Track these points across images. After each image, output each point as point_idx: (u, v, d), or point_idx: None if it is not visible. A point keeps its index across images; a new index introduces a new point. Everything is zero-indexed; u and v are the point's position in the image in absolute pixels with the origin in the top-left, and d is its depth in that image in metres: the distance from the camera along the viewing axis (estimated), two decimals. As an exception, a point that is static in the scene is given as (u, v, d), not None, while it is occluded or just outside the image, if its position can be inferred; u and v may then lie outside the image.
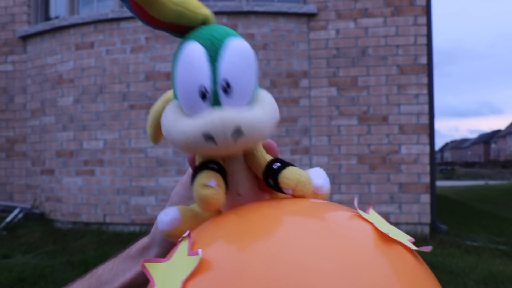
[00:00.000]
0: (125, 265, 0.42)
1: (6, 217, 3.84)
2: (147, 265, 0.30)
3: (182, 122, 0.32)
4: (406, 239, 0.30)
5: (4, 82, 4.22)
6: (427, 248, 0.31)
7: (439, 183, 9.35)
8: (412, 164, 3.53)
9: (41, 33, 4.06)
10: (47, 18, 4.31)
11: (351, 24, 3.62)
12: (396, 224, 3.47)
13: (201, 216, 0.36)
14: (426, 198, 3.50)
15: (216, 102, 0.31)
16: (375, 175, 3.55)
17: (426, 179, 3.52)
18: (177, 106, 0.33)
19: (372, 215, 0.31)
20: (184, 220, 0.35)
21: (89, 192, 3.78)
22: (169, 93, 0.40)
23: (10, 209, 3.98)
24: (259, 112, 0.32)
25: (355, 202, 0.33)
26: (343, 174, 3.55)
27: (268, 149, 0.37)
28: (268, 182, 0.35)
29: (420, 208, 3.50)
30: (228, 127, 0.30)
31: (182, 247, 0.29)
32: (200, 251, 0.27)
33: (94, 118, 3.79)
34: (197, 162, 0.36)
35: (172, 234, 0.35)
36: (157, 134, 0.41)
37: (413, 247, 0.30)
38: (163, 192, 3.65)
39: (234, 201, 0.36)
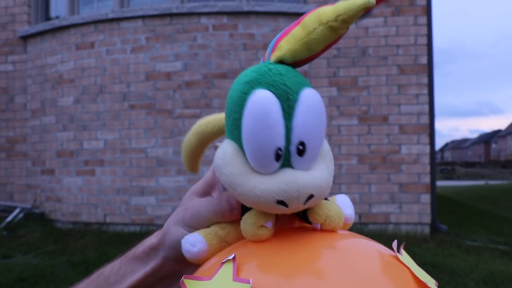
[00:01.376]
0: (133, 266, 0.41)
1: (6, 217, 3.84)
2: (186, 281, 0.30)
3: (252, 181, 0.30)
4: (433, 284, 0.31)
5: (5, 82, 4.22)
6: None
7: (439, 183, 9.34)
8: (413, 164, 3.53)
9: (41, 33, 4.06)
10: (47, 18, 4.31)
11: (351, 24, 3.61)
12: (397, 224, 3.47)
13: (226, 240, 0.36)
14: (426, 198, 3.50)
15: (286, 161, 0.31)
16: (376, 175, 3.55)
17: (427, 179, 3.52)
18: (239, 155, 0.31)
19: (405, 257, 0.31)
20: (211, 249, 0.36)
21: (90, 192, 3.78)
22: (200, 125, 0.38)
23: (10, 209, 3.98)
24: (326, 173, 0.32)
25: (394, 245, 0.32)
26: (343, 174, 3.55)
27: None
28: (298, 213, 0.35)
29: (421, 208, 3.50)
30: (303, 196, 0.30)
31: (226, 270, 0.29)
32: (251, 280, 0.27)
33: (94, 118, 3.79)
34: None
35: (198, 261, 0.35)
36: (193, 165, 0.40)
37: None
38: (163, 192, 3.65)
39: None
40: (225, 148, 0.32)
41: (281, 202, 0.30)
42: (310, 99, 0.30)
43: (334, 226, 0.33)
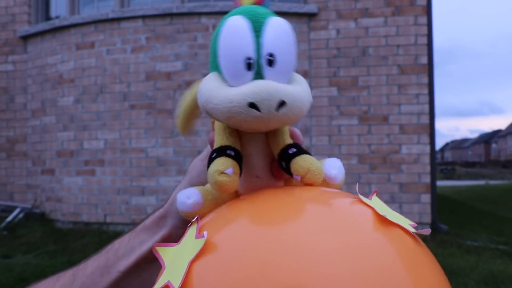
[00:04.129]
0: (142, 237, 0.42)
1: (6, 217, 3.84)
2: (159, 249, 0.31)
3: (227, 91, 0.32)
4: (406, 223, 0.31)
5: (5, 82, 4.22)
6: (426, 231, 0.32)
7: (440, 183, 9.34)
8: (413, 164, 3.53)
9: (41, 33, 4.06)
10: (47, 18, 4.31)
11: (352, 24, 3.62)
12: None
13: (220, 199, 0.37)
14: (426, 198, 3.50)
15: (259, 74, 0.32)
16: (376, 175, 3.55)
17: (427, 179, 3.52)
18: (218, 77, 0.34)
19: (374, 201, 0.32)
20: (205, 203, 0.37)
21: (90, 192, 3.78)
22: (196, 87, 0.41)
23: (10, 209, 3.98)
24: (300, 88, 0.34)
25: (357, 188, 0.35)
26: (343, 174, 3.55)
27: (292, 136, 0.38)
28: (281, 164, 0.36)
29: (421, 208, 3.50)
30: (274, 98, 0.31)
31: (191, 232, 0.30)
32: (205, 233, 0.28)
33: (95, 118, 3.79)
34: (216, 145, 0.36)
35: (191, 216, 0.36)
36: (185, 125, 0.42)
37: (412, 230, 0.31)
38: (163, 192, 3.65)
39: (252, 183, 0.37)
40: (206, 77, 0.35)
41: (253, 106, 0.31)
42: (277, 21, 0.33)
43: (314, 180, 0.35)
